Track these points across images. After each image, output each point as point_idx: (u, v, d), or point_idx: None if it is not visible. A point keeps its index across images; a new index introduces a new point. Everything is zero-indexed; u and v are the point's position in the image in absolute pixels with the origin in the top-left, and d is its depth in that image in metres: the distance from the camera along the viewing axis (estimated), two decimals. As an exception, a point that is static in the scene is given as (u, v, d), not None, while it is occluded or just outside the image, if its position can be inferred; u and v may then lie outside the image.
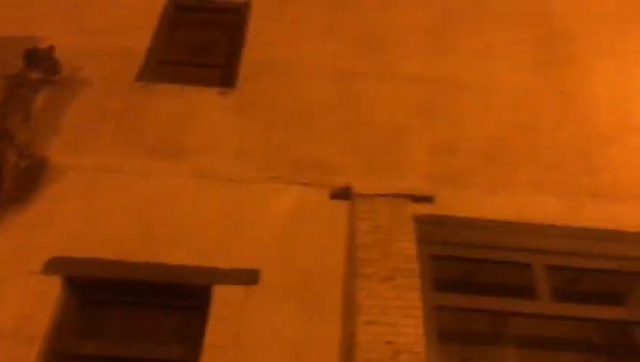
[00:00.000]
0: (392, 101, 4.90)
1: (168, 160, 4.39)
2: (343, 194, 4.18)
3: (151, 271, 3.73)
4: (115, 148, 4.44)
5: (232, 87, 4.97)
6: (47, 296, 3.61)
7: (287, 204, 4.15)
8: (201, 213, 4.08)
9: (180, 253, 3.83)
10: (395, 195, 4.03)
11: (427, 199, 4.08)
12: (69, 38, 5.14)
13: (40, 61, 4.60)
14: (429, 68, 5.17)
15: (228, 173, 4.32)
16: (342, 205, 4.13)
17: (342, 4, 5.74)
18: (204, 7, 5.84)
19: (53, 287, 3.65)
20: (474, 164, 4.47)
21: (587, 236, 3.83)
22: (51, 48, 4.76)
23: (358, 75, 5.07)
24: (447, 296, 3.63)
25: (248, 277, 3.72)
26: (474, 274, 3.89)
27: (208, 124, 4.66)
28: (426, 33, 5.50)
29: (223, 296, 3.63)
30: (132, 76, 4.99)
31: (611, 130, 4.73)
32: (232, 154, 4.48)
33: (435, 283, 3.66)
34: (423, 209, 4.01)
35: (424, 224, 3.88)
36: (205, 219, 4.04)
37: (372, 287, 3.51)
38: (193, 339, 3.52)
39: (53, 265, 3.73)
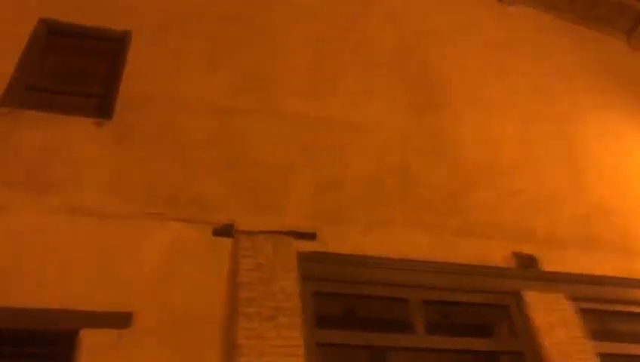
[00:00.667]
0: (275, 138, 4.96)
1: (33, 193, 4.06)
2: (225, 231, 4.13)
3: (12, 316, 3.39)
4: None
5: (108, 118, 4.76)
6: None
7: (164, 241, 4.01)
8: (69, 252, 3.80)
9: (43, 295, 3.53)
10: (278, 232, 4.06)
11: (310, 236, 4.14)
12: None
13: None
14: (311, 107, 5.32)
15: (101, 209, 4.10)
16: (224, 242, 4.07)
17: (225, 39, 5.76)
18: (79, 33, 5.53)
19: None
20: (354, 202, 4.63)
21: (457, 271, 4.10)
22: None
23: (239, 111, 5.08)
24: (329, 332, 3.66)
25: (120, 321, 3.50)
26: (355, 310, 3.97)
27: (81, 156, 4.41)
28: (308, 73, 5.68)
29: (91, 341, 3.39)
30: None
31: (479, 172, 5.15)
32: (106, 188, 4.26)
33: (316, 320, 3.68)
34: (306, 246, 4.07)
35: (307, 261, 3.94)
36: (74, 258, 3.78)
37: (253, 327, 3.47)
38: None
39: None
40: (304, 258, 3.95)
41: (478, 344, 3.87)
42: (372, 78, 5.83)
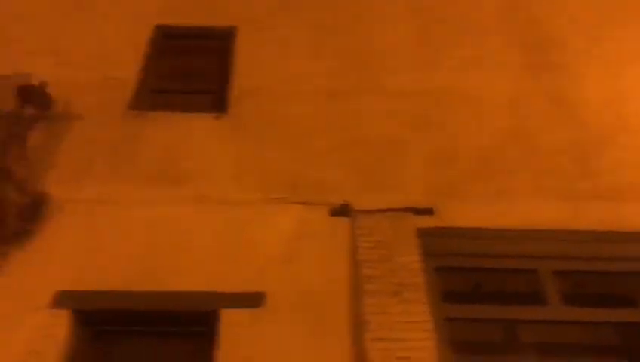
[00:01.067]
0: (385, 116, 4.93)
1: (166, 187, 4.38)
2: (342, 211, 4.18)
3: (157, 299, 3.71)
4: (112, 179, 4.44)
5: (224, 111, 5.01)
6: (56, 331, 3.58)
7: (287, 224, 4.16)
8: (203, 238, 4.07)
9: (184, 279, 3.82)
10: (395, 209, 4.03)
11: (427, 211, 4.07)
12: (59, 73, 5.16)
13: (33, 97, 4.62)
14: (419, 80, 5.22)
15: (226, 197, 4.32)
16: (342, 222, 4.13)
17: (327, 23, 5.81)
18: (190, 33, 5.87)
19: (62, 322, 3.63)
20: (472, 174, 4.48)
21: (591, 238, 3.83)
22: (43, 84, 4.78)
23: (348, 93, 5.11)
24: (457, 307, 3.60)
25: (254, 300, 3.70)
26: (481, 284, 3.87)
27: (204, 149, 4.67)
28: (413, 46, 5.57)
29: (229, 320, 3.60)
30: (124, 106, 5.01)
31: (605, 132, 4.77)
32: (230, 177, 4.48)
33: (442, 296, 3.64)
34: (425, 221, 4.01)
35: (427, 237, 3.87)
36: (207, 244, 4.03)
37: (378, 303, 3.49)
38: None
39: (61, 299, 3.71)
40: (424, 234, 3.90)
41: (621, 315, 3.61)
42: (479, 43, 5.58)
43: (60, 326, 3.60)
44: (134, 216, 4.19)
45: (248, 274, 3.85)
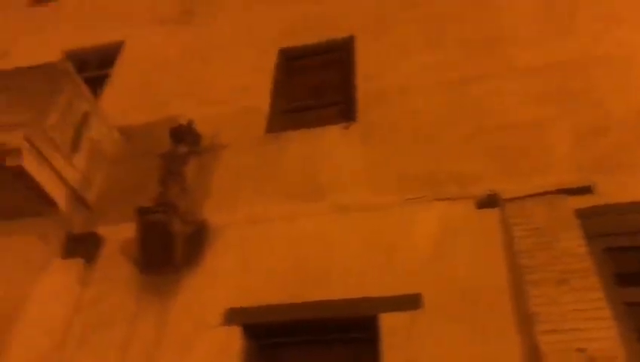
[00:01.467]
0: (520, 96, 4.68)
1: (309, 201, 4.55)
2: (489, 202, 4.02)
3: (318, 308, 3.85)
4: (259, 199, 4.70)
5: (352, 119, 5.09)
6: (230, 346, 3.88)
7: (431, 222, 4.10)
8: (350, 246, 4.15)
9: (337, 288, 3.93)
10: (549, 193, 3.78)
11: (585, 190, 3.77)
12: (201, 110, 5.63)
13: (184, 136, 5.07)
14: (550, 53, 4.89)
15: (366, 203, 4.38)
16: (490, 214, 3.98)
17: (444, 11, 5.66)
18: (311, 51, 6.09)
19: (235, 337, 3.92)
20: (627, 142, 4.08)
21: None
22: (191, 122, 5.23)
23: (477, 79, 4.94)
24: (635, 290, 3.28)
25: (411, 303, 3.69)
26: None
27: (338, 160, 4.79)
28: (539, 20, 5.23)
29: (389, 324, 3.63)
30: (261, 131, 5.30)
31: None
32: (366, 184, 4.54)
33: (616, 279, 3.34)
34: (583, 201, 3.71)
35: (588, 217, 3.58)
36: (355, 252, 4.11)
37: (544, 294, 3.30)
38: (370, 371, 3.55)
39: (231, 316, 4.01)
40: (584, 214, 3.61)
41: None
42: (615, 2, 5.07)
43: (232, 342, 3.89)
44: (283, 231, 4.40)
45: (401, 278, 3.85)
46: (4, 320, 4.35)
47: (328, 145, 4.91)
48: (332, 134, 4.99)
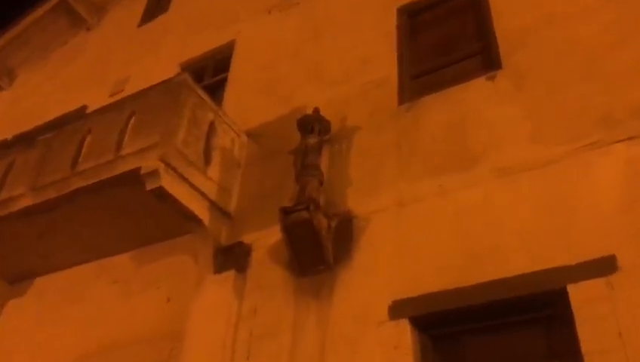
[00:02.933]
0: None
1: (461, 169, 4.49)
2: (684, 132, 3.67)
3: (492, 289, 3.79)
4: (403, 178, 4.76)
5: (497, 68, 4.94)
6: (401, 341, 3.95)
7: (614, 169, 3.86)
8: (519, 213, 4.04)
9: (512, 263, 3.83)
10: None
11: None
12: (326, 95, 5.84)
13: (312, 126, 5.29)
14: None
15: (532, 160, 4.22)
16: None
17: None
18: (432, 0, 5.99)
19: (404, 331, 3.98)
20: None
21: None
22: (317, 110, 5.44)
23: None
24: None
25: (604, 267, 3.48)
26: None
27: (488, 116, 4.68)
28: None
29: (581, 295, 3.46)
30: (393, 103, 5.34)
31: None
32: (527, 138, 4.38)
33: None
34: None
35: None
36: (526, 218, 3.99)
37: None
38: (565, 351, 3.44)
39: (397, 310, 4.09)
40: None
41: None
42: None
43: (402, 336, 3.95)
44: (439, 209, 4.40)
45: (587, 240, 3.67)
46: (174, 339, 4.91)
47: (474, 102, 4.83)
48: (476, 89, 4.91)
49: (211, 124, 5.71)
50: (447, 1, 5.93)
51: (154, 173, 4.97)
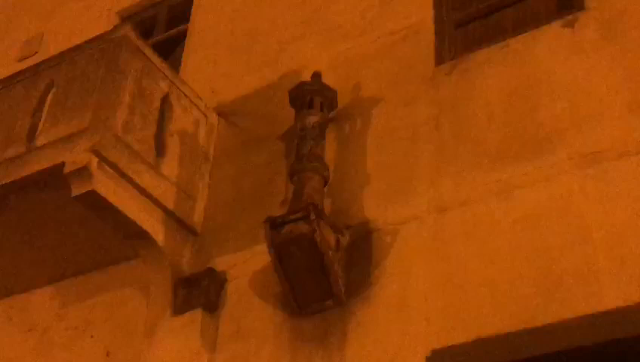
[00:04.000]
0: None
1: (530, 157, 4.50)
2: None
3: (580, 331, 3.77)
4: (443, 171, 4.77)
5: (578, 9, 4.96)
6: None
7: None
8: (614, 220, 4.04)
9: (608, 292, 3.82)
10: None
11: None
12: (330, 52, 5.85)
13: (311, 98, 5.25)
14: None
15: (630, 143, 4.23)
16: None
17: None
18: None
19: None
20: None
21: None
22: (317, 76, 5.41)
23: None
24: None
25: None
26: None
27: (567, 77, 4.69)
28: None
29: None
30: (428, 64, 5.34)
31: None
32: (622, 110, 4.39)
33: None
34: None
35: None
36: (624, 227, 3.98)
37: None
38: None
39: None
40: None
41: None
42: None
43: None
44: (497, 216, 4.39)
45: None
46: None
47: (544, 58, 4.85)
48: (547, 39, 4.93)
49: (165, 99, 5.69)
50: None
51: (82, 171, 4.93)
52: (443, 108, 5.04)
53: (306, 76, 5.55)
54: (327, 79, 5.45)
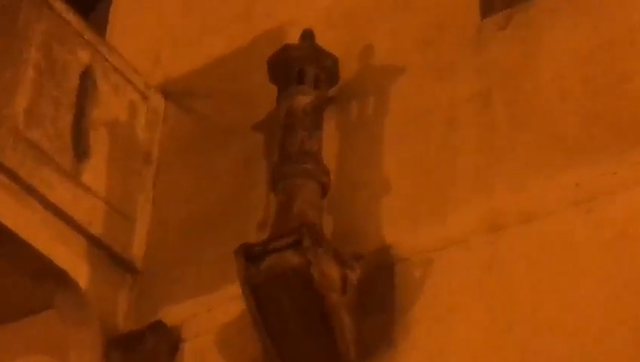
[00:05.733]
0: None
1: (618, 148, 4.54)
2: None
3: None
4: (498, 171, 4.82)
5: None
6: None
7: None
8: None
9: None
10: None
11: None
12: (321, 5, 5.89)
13: (301, 69, 5.26)
14: None
15: None
16: None
17: None
18: None
19: None
20: None
21: None
22: (308, 37, 5.43)
23: None
24: None
25: None
26: None
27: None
28: None
29: None
30: (472, 17, 5.41)
31: None
32: None
33: None
34: None
35: None
36: None
37: None
38: None
39: None
40: None
41: None
42: None
43: None
44: (575, 234, 4.43)
45: None
46: None
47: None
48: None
49: (86, 75, 5.73)
50: None
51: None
52: (494, 79, 5.09)
53: (293, 37, 5.57)
54: (323, 40, 5.47)
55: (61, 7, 5.73)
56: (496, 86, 5.06)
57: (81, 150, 5.50)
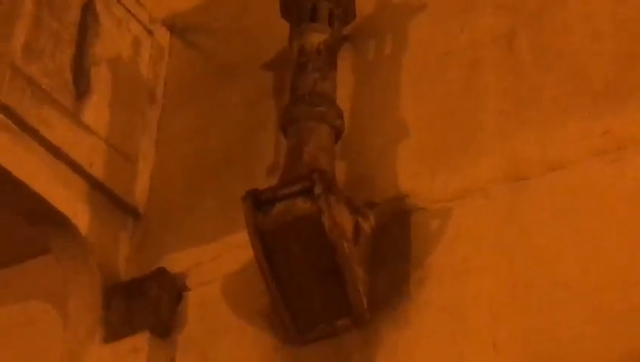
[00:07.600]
0: None
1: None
2: None
3: None
4: (522, 118, 4.81)
5: None
6: None
7: None
8: None
9: None
10: None
11: None
12: None
13: (314, 5, 5.22)
14: None
15: None
16: None
17: None
18: None
19: None
20: None
21: None
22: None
23: None
24: None
25: None
26: None
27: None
28: None
29: None
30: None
31: None
32: None
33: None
34: None
35: None
36: None
37: None
38: None
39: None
40: None
41: None
42: None
43: None
44: (603, 185, 4.42)
45: None
46: None
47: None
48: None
49: (88, 8, 5.71)
50: None
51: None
52: (520, 15, 5.08)
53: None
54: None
55: None
56: (521, 24, 5.06)
57: (81, 87, 5.50)
